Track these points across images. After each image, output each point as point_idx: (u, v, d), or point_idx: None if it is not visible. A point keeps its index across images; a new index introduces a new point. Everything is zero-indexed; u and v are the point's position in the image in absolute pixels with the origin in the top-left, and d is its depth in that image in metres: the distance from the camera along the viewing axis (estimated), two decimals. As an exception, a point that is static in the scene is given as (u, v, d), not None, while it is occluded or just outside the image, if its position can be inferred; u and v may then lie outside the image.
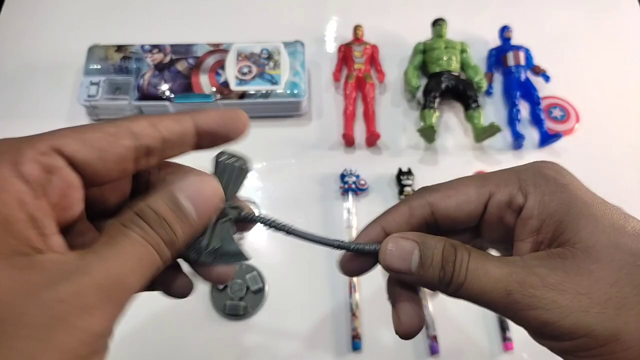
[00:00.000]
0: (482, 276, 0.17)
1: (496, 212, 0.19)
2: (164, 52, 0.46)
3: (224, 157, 0.18)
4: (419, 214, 0.20)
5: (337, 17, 0.54)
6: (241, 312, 0.38)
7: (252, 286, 0.38)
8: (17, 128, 0.46)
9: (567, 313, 0.16)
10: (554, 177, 0.19)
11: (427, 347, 0.37)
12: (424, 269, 0.18)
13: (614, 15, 0.56)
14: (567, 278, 0.17)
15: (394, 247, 0.19)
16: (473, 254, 0.18)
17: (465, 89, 0.46)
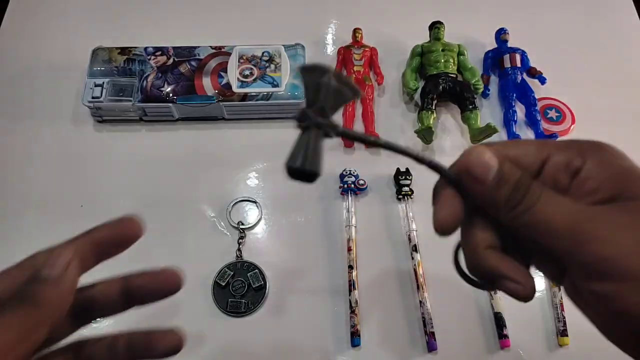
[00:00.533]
0: (552, 204, 0.18)
1: (552, 172, 0.20)
2: (167, 54, 0.47)
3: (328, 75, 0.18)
4: None
5: (336, 21, 0.55)
6: (242, 309, 0.38)
7: (254, 284, 0.39)
8: (22, 129, 0.47)
9: (628, 253, 0.17)
10: (612, 150, 0.20)
11: (424, 344, 0.38)
12: (499, 183, 0.19)
13: (609, 17, 0.57)
14: (634, 223, 0.17)
15: (478, 154, 0.19)
16: (546, 190, 0.19)
17: (462, 91, 0.47)
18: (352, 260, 0.40)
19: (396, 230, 0.43)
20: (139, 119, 0.47)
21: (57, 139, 0.46)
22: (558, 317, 0.39)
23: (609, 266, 0.17)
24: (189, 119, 0.47)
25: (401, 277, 0.41)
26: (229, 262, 0.40)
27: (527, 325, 0.39)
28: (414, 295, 0.40)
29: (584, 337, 0.38)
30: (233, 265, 0.40)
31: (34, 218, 0.42)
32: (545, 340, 0.38)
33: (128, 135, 0.47)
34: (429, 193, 0.49)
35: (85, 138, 0.47)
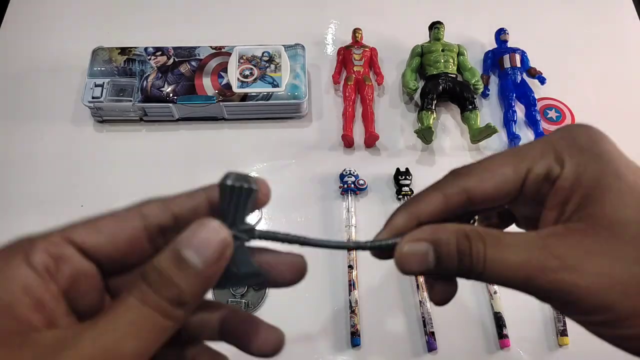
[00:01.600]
0: (500, 265, 0.17)
1: (534, 186, 0.19)
2: (167, 54, 0.47)
3: (229, 180, 0.17)
4: (455, 202, 0.19)
5: (336, 21, 0.55)
6: (243, 309, 0.38)
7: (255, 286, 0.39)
8: (22, 129, 0.47)
9: (588, 293, 0.16)
10: (589, 146, 0.18)
11: (424, 344, 0.38)
12: (441, 266, 0.18)
13: (609, 17, 0.57)
14: (587, 258, 0.16)
15: (408, 252, 0.18)
16: (488, 242, 0.17)
17: (462, 91, 0.47)
18: (352, 260, 0.40)
19: (396, 230, 0.43)
20: (139, 119, 0.47)
21: (58, 139, 0.47)
22: (558, 317, 0.39)
23: (575, 307, 0.17)
24: (189, 119, 0.47)
25: (401, 277, 0.41)
26: None
27: (527, 325, 0.39)
28: (414, 295, 0.40)
29: (584, 337, 0.38)
30: None
31: (34, 218, 0.42)
32: (545, 340, 0.38)
33: (128, 136, 0.47)
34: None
35: (86, 138, 0.47)
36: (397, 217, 0.20)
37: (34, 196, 0.44)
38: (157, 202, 0.16)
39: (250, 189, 0.17)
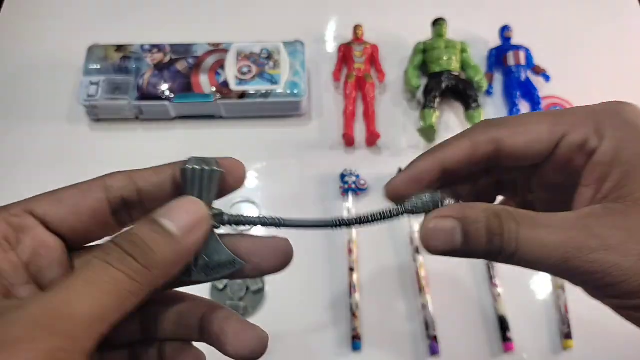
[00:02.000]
0: (535, 246, 0.16)
1: (567, 153, 0.18)
2: (164, 51, 0.46)
3: (191, 164, 0.16)
4: (482, 151, 0.19)
5: (337, 17, 0.54)
6: (241, 312, 0.38)
7: (252, 286, 0.38)
8: (17, 128, 0.46)
9: (631, 275, 0.15)
10: (634, 123, 0.18)
11: (427, 348, 0.37)
12: (469, 246, 0.17)
13: (614, 14, 0.56)
14: (629, 238, 0.16)
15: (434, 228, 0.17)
16: (522, 221, 0.16)
17: (466, 89, 0.46)
18: (353, 262, 0.40)
19: (398, 231, 0.42)
20: (135, 118, 0.46)
21: (53, 138, 0.46)
22: (562, 320, 0.38)
23: (614, 290, 0.16)
24: (186, 117, 0.46)
25: (403, 279, 0.40)
26: None
27: (531, 328, 0.38)
28: (416, 298, 0.39)
29: (589, 340, 0.38)
30: None
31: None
32: (550, 343, 0.38)
33: (124, 135, 0.46)
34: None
35: (81, 137, 0.46)
36: (421, 161, 0.19)
37: (28, 196, 0.43)
38: (122, 175, 0.16)
39: (212, 171, 0.16)
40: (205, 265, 0.17)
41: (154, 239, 0.14)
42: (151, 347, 0.18)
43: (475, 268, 0.41)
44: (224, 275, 0.17)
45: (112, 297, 0.13)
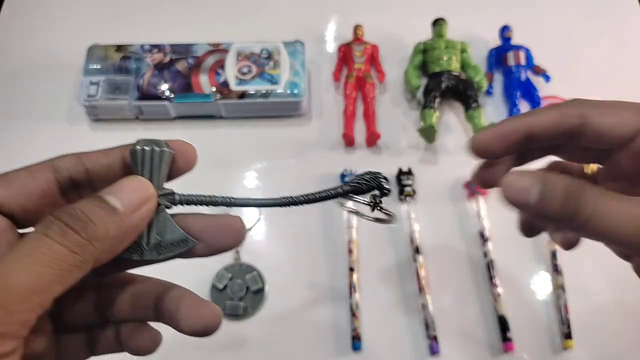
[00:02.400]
0: (612, 212, 0.17)
1: None
2: (164, 51, 0.46)
3: (140, 145, 0.17)
4: (569, 123, 0.19)
5: (337, 17, 0.54)
6: (241, 312, 0.38)
7: (252, 286, 0.38)
8: (17, 128, 0.46)
9: None
10: None
11: (427, 348, 0.37)
12: (543, 204, 0.18)
13: (614, 14, 0.56)
14: None
15: (512, 180, 0.18)
16: (601, 192, 0.17)
17: (466, 89, 0.46)
18: (353, 263, 0.40)
19: (398, 231, 0.42)
20: (135, 118, 0.46)
21: (52, 138, 0.46)
22: (562, 320, 0.38)
23: None
24: (186, 117, 0.46)
25: (403, 279, 0.40)
26: (227, 264, 0.39)
27: (531, 328, 0.38)
28: (417, 298, 0.39)
29: (589, 340, 0.38)
30: (231, 267, 0.39)
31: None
32: (550, 344, 0.38)
33: (124, 135, 0.46)
34: (431, 193, 0.49)
35: (81, 137, 0.46)
36: (511, 121, 0.21)
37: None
38: (70, 156, 0.16)
39: (162, 152, 0.17)
40: (158, 244, 0.17)
41: (97, 214, 0.14)
42: (108, 329, 0.18)
43: (475, 268, 0.41)
44: (176, 254, 0.17)
45: (51, 270, 0.12)
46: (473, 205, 0.43)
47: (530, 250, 0.42)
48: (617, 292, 0.40)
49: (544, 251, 0.42)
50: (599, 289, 0.40)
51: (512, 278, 0.40)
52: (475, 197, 0.43)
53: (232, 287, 0.38)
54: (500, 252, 0.41)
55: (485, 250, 0.41)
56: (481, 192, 0.43)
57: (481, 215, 0.42)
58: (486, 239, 0.41)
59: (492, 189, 0.41)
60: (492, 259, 0.40)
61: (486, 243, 0.41)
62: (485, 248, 0.41)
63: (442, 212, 0.43)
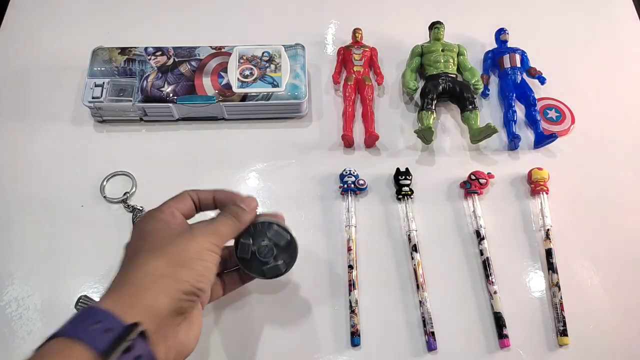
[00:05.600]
0: None
1: None
2: (167, 54, 0.47)
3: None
4: None
5: (336, 21, 0.55)
6: (283, 269, 0.34)
7: (280, 241, 0.34)
8: (22, 129, 0.47)
9: None
10: None
11: (424, 344, 0.38)
12: None
13: (609, 17, 0.57)
14: None
15: None
16: None
17: (462, 91, 0.47)
18: (352, 260, 0.40)
19: (396, 230, 0.43)
20: (139, 119, 0.47)
21: (58, 139, 0.47)
22: (558, 317, 0.39)
23: None
24: (189, 119, 0.47)
25: (401, 276, 0.41)
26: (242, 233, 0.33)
27: (527, 325, 0.39)
28: (414, 295, 0.40)
29: (584, 337, 0.38)
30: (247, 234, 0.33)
31: (35, 218, 0.42)
32: (545, 340, 0.38)
33: (128, 136, 0.47)
34: (428, 193, 0.49)
35: (86, 138, 0.47)
36: None
37: (34, 196, 0.44)
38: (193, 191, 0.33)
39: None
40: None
41: (240, 211, 0.32)
42: None
43: (472, 266, 0.41)
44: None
45: (229, 228, 0.31)
46: (469, 204, 0.44)
47: (526, 249, 0.42)
48: (611, 290, 0.41)
49: (539, 249, 0.42)
50: (594, 287, 0.41)
51: (508, 276, 0.41)
52: (471, 197, 0.44)
53: (261, 251, 0.34)
54: (496, 250, 0.41)
55: (482, 249, 0.41)
56: (477, 192, 0.44)
57: (477, 214, 0.43)
58: (482, 238, 0.42)
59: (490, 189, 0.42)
60: (488, 257, 0.41)
61: (482, 241, 0.42)
62: (481, 246, 0.41)
63: (439, 211, 0.44)
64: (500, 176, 0.45)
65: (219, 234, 0.29)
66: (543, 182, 0.44)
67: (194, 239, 0.28)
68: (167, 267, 0.26)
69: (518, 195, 0.45)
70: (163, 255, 0.27)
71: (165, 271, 0.26)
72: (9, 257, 0.41)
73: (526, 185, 0.45)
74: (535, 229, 0.43)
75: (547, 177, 0.44)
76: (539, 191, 0.44)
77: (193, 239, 0.28)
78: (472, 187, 0.44)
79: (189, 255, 0.27)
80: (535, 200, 0.44)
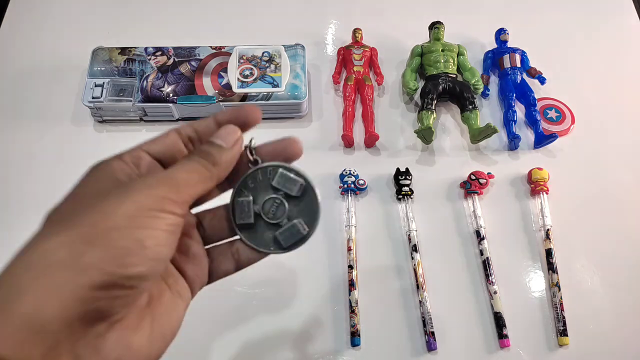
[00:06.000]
0: None
1: None
2: (167, 54, 0.47)
3: None
4: None
5: (336, 21, 0.55)
6: (304, 230, 0.24)
7: (292, 190, 0.24)
8: (22, 129, 0.47)
9: None
10: None
11: (424, 344, 0.38)
12: None
13: (609, 17, 0.57)
14: None
15: None
16: None
17: (462, 91, 0.47)
18: (352, 260, 0.40)
19: (396, 230, 0.43)
20: (139, 119, 0.47)
21: (58, 139, 0.47)
22: (558, 317, 0.39)
23: None
24: (190, 119, 0.47)
25: (401, 276, 0.41)
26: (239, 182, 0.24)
27: (527, 325, 0.39)
28: (414, 295, 0.40)
29: (584, 337, 0.38)
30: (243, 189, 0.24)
31: (34, 218, 0.42)
32: (545, 340, 0.38)
33: (128, 136, 0.47)
34: (428, 193, 0.49)
35: (86, 138, 0.47)
36: None
37: (34, 196, 0.44)
38: (187, 124, 0.23)
39: None
40: None
41: (213, 149, 0.22)
42: None
43: (471, 266, 0.41)
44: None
45: (195, 174, 0.21)
46: (469, 204, 0.44)
47: (526, 248, 0.42)
48: (611, 290, 0.41)
49: (539, 249, 0.42)
50: (594, 287, 0.41)
51: (508, 276, 0.41)
52: (471, 197, 0.44)
53: (265, 208, 0.24)
54: (496, 250, 0.41)
55: (482, 249, 0.41)
56: (477, 192, 0.44)
57: (477, 214, 0.43)
58: (482, 238, 0.42)
59: (490, 189, 0.42)
60: (488, 256, 0.41)
61: (482, 241, 0.42)
62: (481, 246, 0.41)
63: (439, 211, 0.44)
64: (500, 176, 0.45)
65: (176, 184, 0.20)
66: (543, 182, 0.44)
67: (128, 196, 0.18)
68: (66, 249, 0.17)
69: (518, 195, 0.45)
70: (66, 229, 0.17)
71: (60, 255, 0.16)
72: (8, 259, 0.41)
73: (526, 185, 0.45)
74: (535, 229, 0.43)
75: (547, 177, 0.44)
76: (539, 191, 0.44)
77: (126, 197, 0.18)
78: (472, 187, 0.44)
79: (108, 225, 0.17)
80: (535, 200, 0.44)
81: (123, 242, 0.17)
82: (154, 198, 0.19)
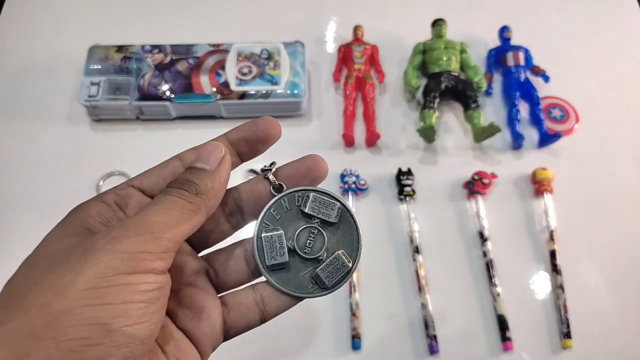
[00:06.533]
0: None
1: None
2: (165, 52, 0.46)
3: None
4: None
5: (337, 18, 0.54)
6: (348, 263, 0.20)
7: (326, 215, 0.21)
8: (18, 128, 0.46)
9: None
10: None
11: (426, 347, 0.37)
12: None
13: (613, 15, 0.56)
14: None
15: None
16: None
17: (465, 89, 0.46)
18: (353, 262, 0.40)
19: (398, 231, 0.42)
20: (135, 118, 0.46)
21: (54, 138, 0.46)
22: (561, 320, 0.38)
23: None
24: (187, 117, 0.47)
25: (403, 279, 0.40)
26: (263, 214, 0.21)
27: (531, 327, 0.38)
28: (416, 298, 0.39)
29: (588, 340, 0.38)
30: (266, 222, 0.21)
31: (31, 217, 0.42)
32: (549, 343, 0.38)
33: (125, 134, 0.46)
34: (430, 193, 0.49)
35: (82, 137, 0.46)
36: None
37: (30, 195, 0.43)
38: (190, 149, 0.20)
39: None
40: None
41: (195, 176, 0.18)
42: None
43: (474, 267, 0.41)
44: None
45: (177, 212, 0.17)
46: (472, 205, 0.43)
47: (530, 250, 0.42)
48: (615, 292, 0.40)
49: (543, 251, 0.42)
50: (598, 289, 0.40)
51: (512, 277, 0.40)
52: (475, 197, 0.43)
53: (301, 242, 0.21)
54: (499, 251, 0.41)
55: (485, 250, 0.41)
56: (481, 192, 0.43)
57: (480, 215, 0.42)
58: (485, 239, 0.41)
59: (493, 189, 0.41)
60: (491, 258, 0.40)
61: (485, 243, 0.41)
62: (484, 247, 0.41)
63: (442, 211, 0.43)
64: (504, 176, 0.45)
65: (149, 230, 0.16)
66: (547, 182, 0.43)
67: (87, 259, 0.14)
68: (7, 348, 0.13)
69: (522, 195, 0.44)
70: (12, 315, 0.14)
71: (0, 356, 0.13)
72: (3, 258, 0.40)
73: (530, 185, 0.45)
74: (539, 229, 0.42)
75: (552, 177, 0.44)
76: (543, 191, 0.43)
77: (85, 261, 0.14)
78: (475, 187, 0.43)
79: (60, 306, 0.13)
80: (539, 201, 0.44)
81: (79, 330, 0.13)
82: (121, 256, 0.14)
